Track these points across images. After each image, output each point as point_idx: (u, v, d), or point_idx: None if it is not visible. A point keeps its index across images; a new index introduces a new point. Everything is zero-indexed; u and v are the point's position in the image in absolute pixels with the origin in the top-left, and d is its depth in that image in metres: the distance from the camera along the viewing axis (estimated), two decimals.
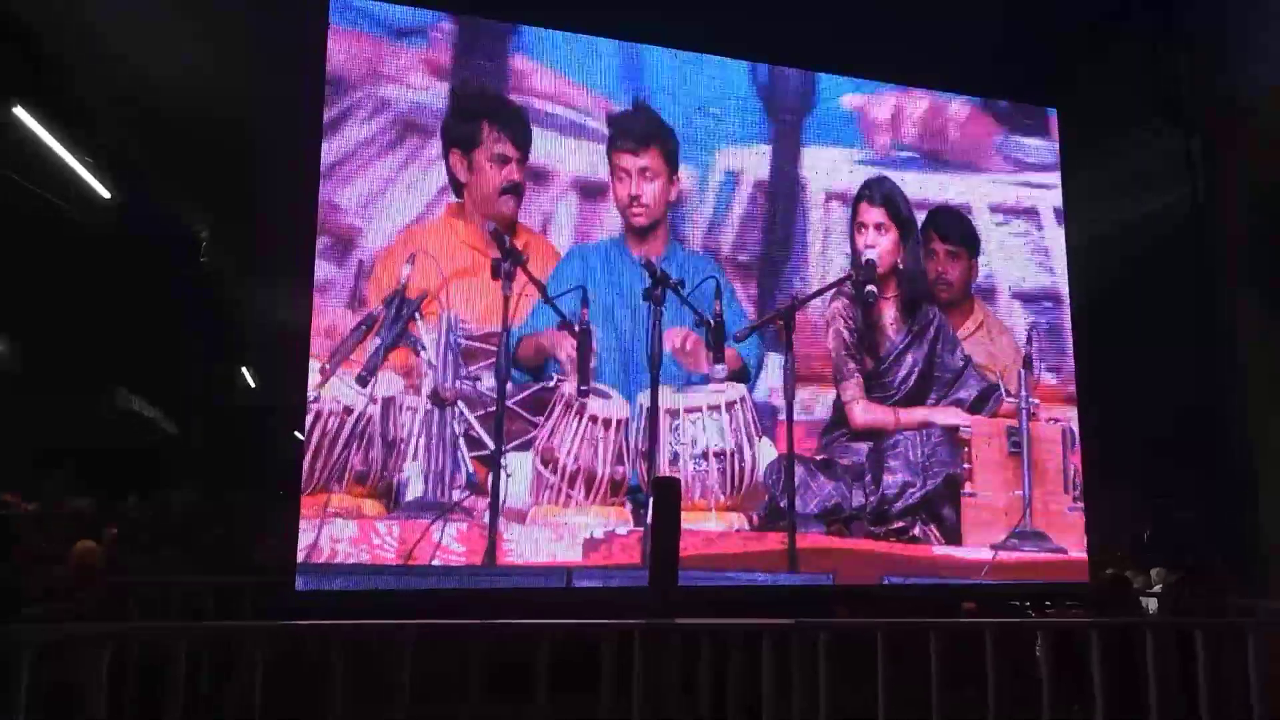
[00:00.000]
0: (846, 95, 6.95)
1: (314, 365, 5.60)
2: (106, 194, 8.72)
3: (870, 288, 6.54)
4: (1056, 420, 6.84)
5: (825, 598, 5.98)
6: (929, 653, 4.23)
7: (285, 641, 4.25)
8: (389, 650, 3.92)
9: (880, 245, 6.68)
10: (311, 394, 5.56)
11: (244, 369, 13.68)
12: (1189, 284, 7.47)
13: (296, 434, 5.82)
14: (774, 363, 6.38)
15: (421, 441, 5.70)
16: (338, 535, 5.49)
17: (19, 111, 7.54)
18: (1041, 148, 7.37)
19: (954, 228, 6.99)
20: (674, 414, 6.03)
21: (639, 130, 6.30)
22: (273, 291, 9.30)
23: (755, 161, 6.65)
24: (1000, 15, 6.89)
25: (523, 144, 6.15)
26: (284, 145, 6.34)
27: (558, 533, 5.79)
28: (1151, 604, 6.48)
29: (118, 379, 11.45)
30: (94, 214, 8.61)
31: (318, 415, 5.57)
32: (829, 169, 6.80)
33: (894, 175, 6.91)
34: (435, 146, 6.03)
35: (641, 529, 5.85)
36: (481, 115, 6.11)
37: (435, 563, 5.59)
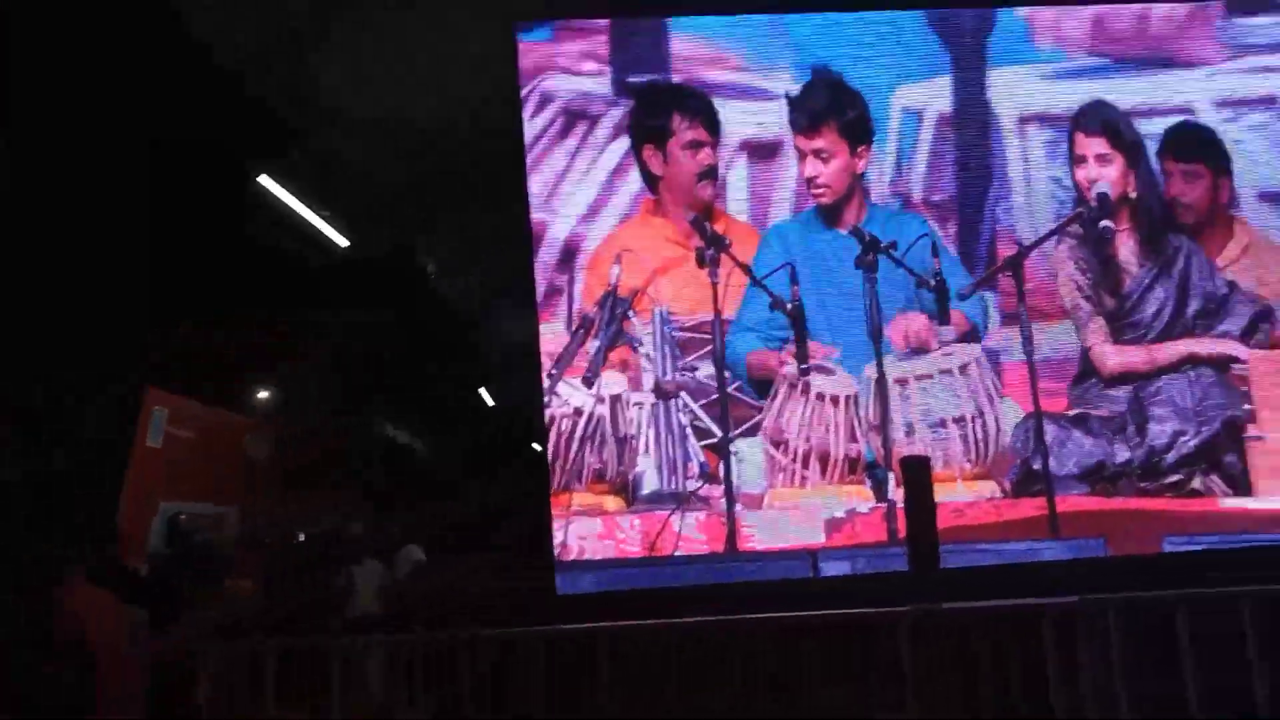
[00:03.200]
0: (1029, 8, 6.10)
1: (544, 371, 5.56)
2: (344, 241, 9.17)
3: (1105, 223, 5.66)
4: None
5: (1104, 568, 5.22)
6: (1240, 626, 3.51)
7: (560, 645, 4.16)
8: (655, 647, 3.74)
9: (1106, 175, 5.78)
10: (545, 398, 5.51)
11: (481, 390, 14.15)
12: None
13: (535, 445, 5.79)
14: (989, 302, 5.72)
15: (651, 435, 5.52)
16: (583, 532, 5.42)
17: (264, 180, 8.03)
18: (1272, 26, 6.17)
19: (1191, 145, 5.96)
20: (903, 383, 5.46)
21: (811, 109, 5.77)
22: (497, 309, 9.48)
23: (936, 95, 5.96)
24: None
25: (713, 127, 5.81)
26: (490, 168, 6.34)
27: (796, 515, 5.40)
28: None
29: (372, 410, 12.10)
30: (334, 261, 9.06)
31: (551, 419, 5.51)
32: (1019, 90, 5.99)
33: (1095, 85, 5.97)
34: (607, 142, 5.82)
35: (884, 505, 5.35)
36: (669, 106, 5.83)
37: (678, 553, 5.38)
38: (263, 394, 11.45)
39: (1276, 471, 5.51)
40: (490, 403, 14.44)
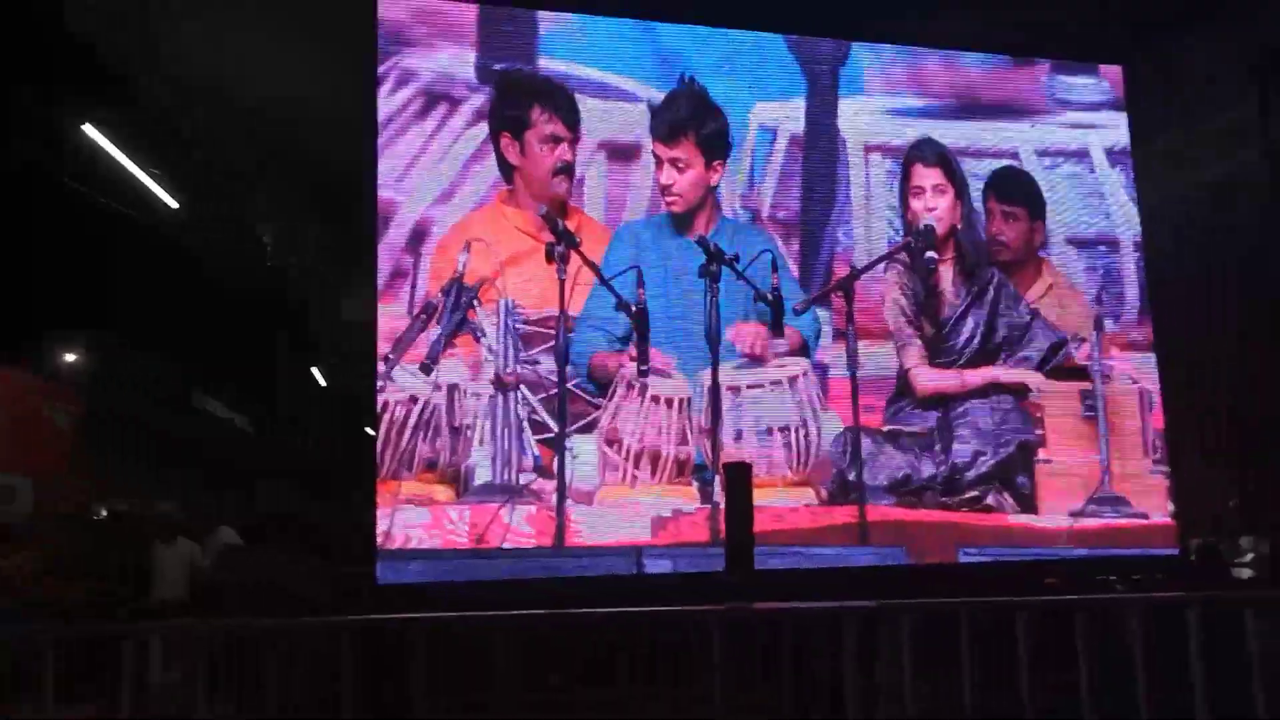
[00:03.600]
0: (883, 45, 6.51)
1: (380, 353, 5.42)
2: (174, 203, 8.60)
3: (930, 254, 6.06)
4: (1134, 381, 6.32)
5: (906, 575, 5.58)
6: (1015, 632, 3.83)
7: (373, 634, 4.05)
8: (472, 640, 3.70)
9: (939, 207, 6.20)
10: (379, 383, 5.37)
11: (313, 369, 13.58)
12: (1270, 240, 6.81)
13: (368, 430, 5.61)
14: (822, 319, 6.01)
15: (487, 426, 5.46)
16: (410, 522, 5.31)
17: (88, 129, 7.44)
18: (1089, 86, 6.81)
19: (1014, 188, 6.48)
20: (736, 390, 5.66)
21: (673, 118, 5.92)
22: (338, 288, 9.14)
23: (790, 115, 6.23)
24: None
25: (573, 123, 5.82)
26: (341, 141, 6.12)
27: (625, 513, 5.50)
28: (1244, 574, 5.97)
29: (192, 382, 11.44)
30: (163, 223, 8.50)
31: (385, 405, 5.37)
32: (866, 121, 6.36)
33: (933, 124, 6.42)
34: (467, 125, 5.75)
35: (708, 507, 5.52)
36: (530, 97, 5.80)
37: (506, 545, 5.35)
38: (71, 357, 10.61)
39: (1059, 493, 6.07)
40: (323, 384, 13.89)
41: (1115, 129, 6.80)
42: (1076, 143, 6.71)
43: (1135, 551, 6.09)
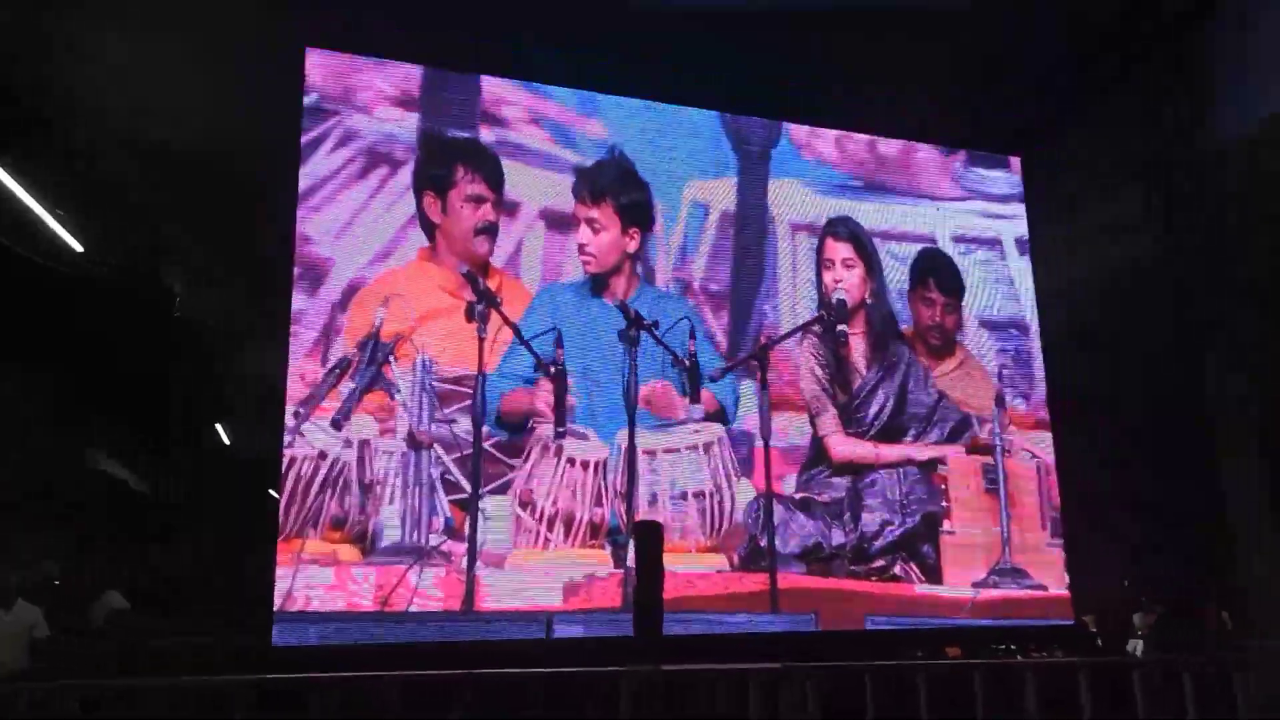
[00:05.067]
0: (810, 130, 6.86)
1: (288, 411, 5.32)
2: (79, 247, 8.36)
3: (841, 327, 6.34)
4: (1033, 455, 6.64)
5: (813, 641, 5.66)
6: (918, 696, 3.93)
7: (266, 696, 3.91)
8: (372, 703, 3.60)
9: (847, 280, 6.50)
10: (286, 438, 5.27)
11: (218, 426, 13.13)
12: (1161, 326, 7.28)
13: (272, 492, 5.46)
14: (746, 389, 6.16)
15: (398, 485, 5.40)
16: (313, 582, 5.17)
17: None
18: (1000, 179, 7.31)
19: (951, 278, 6.89)
20: (652, 454, 5.74)
21: (595, 181, 6.11)
22: (247, 340, 8.95)
23: (723, 193, 6.50)
24: (975, 68, 6.76)
25: (496, 184, 5.94)
26: (261, 194, 6.09)
27: (536, 577, 5.46)
28: (1138, 649, 6.23)
29: (88, 438, 10.95)
30: (64, 267, 8.24)
31: (292, 461, 5.26)
32: (794, 201, 6.68)
33: (856, 206, 6.77)
34: (407, 188, 5.81)
35: (621, 571, 5.53)
36: (454, 157, 5.91)
37: (413, 609, 5.25)
38: None
39: (961, 563, 6.28)
40: (226, 441, 13.43)
41: (1023, 219, 7.29)
42: (988, 231, 7.16)
43: (1034, 622, 6.33)
